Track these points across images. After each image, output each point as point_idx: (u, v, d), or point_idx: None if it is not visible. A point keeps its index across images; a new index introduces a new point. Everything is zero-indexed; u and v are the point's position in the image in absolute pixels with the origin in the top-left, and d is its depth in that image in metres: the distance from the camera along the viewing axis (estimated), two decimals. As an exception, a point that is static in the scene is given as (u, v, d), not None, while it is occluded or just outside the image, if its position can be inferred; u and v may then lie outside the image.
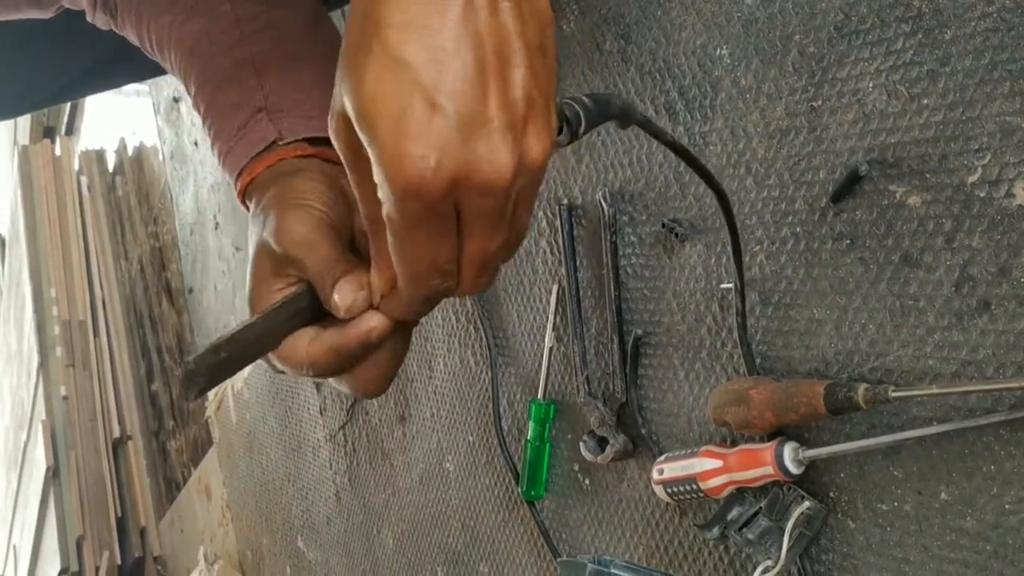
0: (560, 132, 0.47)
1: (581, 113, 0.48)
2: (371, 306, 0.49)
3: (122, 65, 0.99)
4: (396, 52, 0.39)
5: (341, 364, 0.51)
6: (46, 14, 0.78)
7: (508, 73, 0.40)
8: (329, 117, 0.44)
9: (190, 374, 0.46)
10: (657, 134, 0.55)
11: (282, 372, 0.53)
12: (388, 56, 0.39)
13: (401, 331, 0.51)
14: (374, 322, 0.49)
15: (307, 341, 0.51)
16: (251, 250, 0.54)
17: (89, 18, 0.78)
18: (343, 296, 0.49)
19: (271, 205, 0.56)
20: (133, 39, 0.75)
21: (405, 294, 0.47)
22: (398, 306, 0.48)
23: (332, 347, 0.50)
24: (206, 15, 0.69)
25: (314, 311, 0.52)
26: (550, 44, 0.43)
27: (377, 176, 0.41)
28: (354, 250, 0.54)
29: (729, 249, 0.73)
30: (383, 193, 0.41)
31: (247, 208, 0.62)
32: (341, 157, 0.44)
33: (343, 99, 0.41)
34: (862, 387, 0.59)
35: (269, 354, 0.52)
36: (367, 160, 0.42)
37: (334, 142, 0.44)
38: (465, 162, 0.40)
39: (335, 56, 0.43)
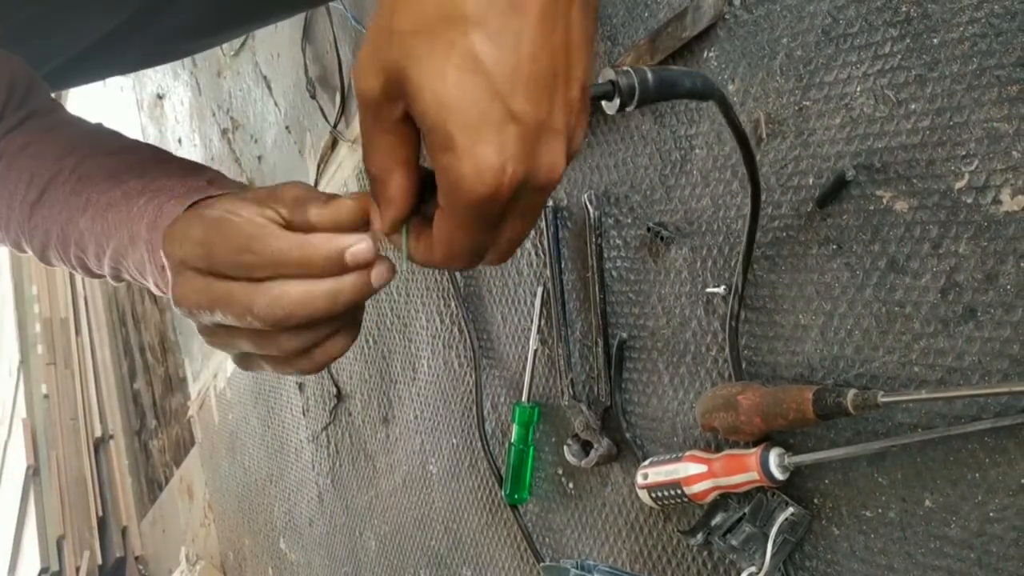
0: (611, 99, 0.47)
1: (637, 88, 0.47)
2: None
3: (105, 57, 0.98)
4: (477, 55, 0.39)
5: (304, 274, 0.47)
6: None
7: (571, 75, 0.41)
8: (364, 64, 0.42)
9: None
10: (730, 118, 0.55)
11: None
12: (469, 57, 0.39)
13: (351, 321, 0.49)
14: (361, 243, 0.46)
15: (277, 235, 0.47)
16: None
17: None
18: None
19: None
20: None
21: (434, 258, 0.46)
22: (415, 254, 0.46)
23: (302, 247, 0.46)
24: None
25: None
26: (594, 32, 0.44)
27: (447, 174, 0.41)
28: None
29: (715, 253, 0.73)
30: (449, 190, 0.42)
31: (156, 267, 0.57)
32: (361, 102, 0.43)
33: (406, 68, 0.40)
34: (851, 392, 0.58)
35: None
36: (393, 119, 0.42)
37: (364, 88, 0.42)
38: (531, 168, 0.41)
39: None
